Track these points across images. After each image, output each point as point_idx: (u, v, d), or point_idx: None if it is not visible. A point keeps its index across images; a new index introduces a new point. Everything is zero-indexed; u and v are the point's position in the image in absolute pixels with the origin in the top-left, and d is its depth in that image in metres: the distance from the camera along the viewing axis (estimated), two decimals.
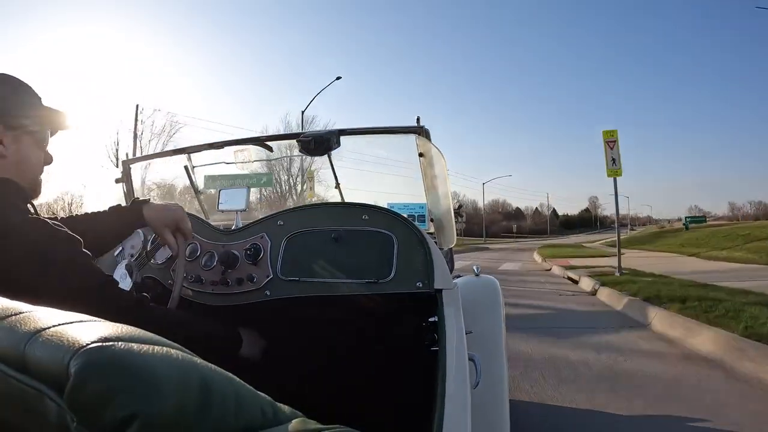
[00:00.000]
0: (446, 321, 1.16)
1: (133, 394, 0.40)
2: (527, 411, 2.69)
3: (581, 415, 2.68)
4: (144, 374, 0.42)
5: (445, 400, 0.94)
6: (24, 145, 0.96)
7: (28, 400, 0.45)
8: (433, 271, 1.30)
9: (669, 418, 2.61)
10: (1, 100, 0.93)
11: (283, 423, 0.52)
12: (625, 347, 4.13)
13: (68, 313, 0.54)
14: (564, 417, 2.67)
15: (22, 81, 0.99)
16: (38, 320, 0.52)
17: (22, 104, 0.96)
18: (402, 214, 1.45)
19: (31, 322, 0.52)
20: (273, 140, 1.87)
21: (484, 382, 1.23)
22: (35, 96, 1.00)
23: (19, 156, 0.95)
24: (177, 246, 1.31)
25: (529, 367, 3.54)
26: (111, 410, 0.39)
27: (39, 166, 1.01)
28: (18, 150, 0.94)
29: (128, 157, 2.03)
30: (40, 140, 0.99)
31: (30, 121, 0.96)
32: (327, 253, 1.42)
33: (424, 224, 2.09)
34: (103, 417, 0.40)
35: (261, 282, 1.43)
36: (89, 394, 0.40)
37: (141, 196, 2.06)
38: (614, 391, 3.03)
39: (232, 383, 0.51)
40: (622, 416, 2.64)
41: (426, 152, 1.67)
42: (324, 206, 1.57)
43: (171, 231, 1.29)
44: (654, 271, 9.45)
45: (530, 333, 4.66)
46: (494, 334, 1.70)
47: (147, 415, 0.40)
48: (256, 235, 1.51)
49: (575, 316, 6.05)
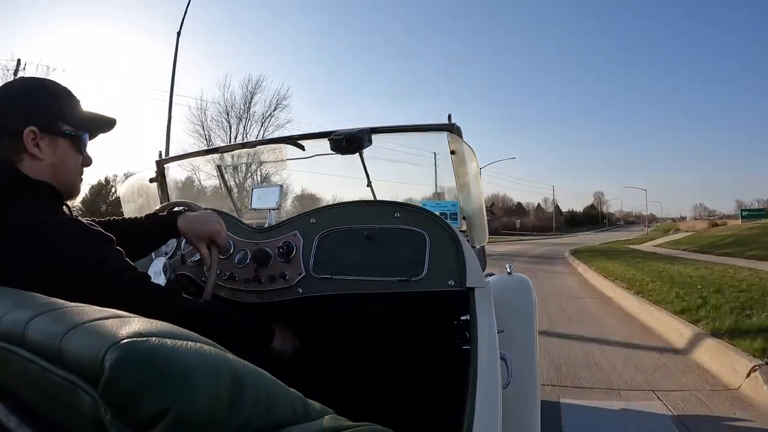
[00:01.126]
0: (478, 320, 1.15)
1: (166, 388, 0.41)
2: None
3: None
4: (177, 369, 0.43)
5: (476, 400, 0.93)
6: (60, 149, 0.97)
7: (64, 392, 0.47)
8: (466, 269, 1.28)
9: None
10: (37, 105, 0.96)
11: (314, 419, 0.52)
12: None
13: (104, 309, 0.56)
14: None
15: (60, 85, 1.01)
16: (74, 315, 0.53)
17: (59, 109, 0.98)
18: (434, 212, 1.44)
19: (67, 317, 0.53)
20: (305, 139, 1.88)
21: (515, 382, 1.21)
22: (73, 100, 1.01)
23: (55, 159, 0.96)
24: (210, 258, 1.31)
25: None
26: (144, 404, 0.40)
27: (76, 169, 1.03)
28: (54, 153, 0.96)
29: (162, 157, 2.07)
30: (77, 143, 1.01)
31: (67, 126, 0.98)
32: (359, 251, 1.42)
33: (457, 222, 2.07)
34: (136, 410, 0.40)
35: (293, 280, 1.43)
36: (123, 387, 0.41)
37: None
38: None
39: (264, 379, 0.51)
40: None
41: (458, 150, 1.66)
42: (356, 204, 1.57)
43: (205, 244, 1.30)
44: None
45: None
46: (526, 333, 1.68)
47: (179, 409, 0.40)
48: (289, 233, 1.52)
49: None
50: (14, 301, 0.63)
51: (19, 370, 0.53)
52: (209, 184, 2.27)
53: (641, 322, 5.23)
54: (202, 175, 2.43)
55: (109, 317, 0.52)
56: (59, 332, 0.50)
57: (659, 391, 3.06)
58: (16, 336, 0.55)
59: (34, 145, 0.93)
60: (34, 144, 0.93)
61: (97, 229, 0.96)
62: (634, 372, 3.48)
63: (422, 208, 1.46)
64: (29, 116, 0.93)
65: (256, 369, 0.51)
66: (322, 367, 1.48)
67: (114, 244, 0.97)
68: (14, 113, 0.93)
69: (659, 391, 3.06)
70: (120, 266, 0.96)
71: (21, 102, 0.95)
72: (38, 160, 0.94)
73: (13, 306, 0.61)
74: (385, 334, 1.55)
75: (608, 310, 6.18)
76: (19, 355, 0.53)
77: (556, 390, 3.10)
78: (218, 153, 2.06)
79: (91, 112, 1.05)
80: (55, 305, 0.59)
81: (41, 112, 0.95)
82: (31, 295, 0.68)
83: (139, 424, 0.40)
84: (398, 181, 6.31)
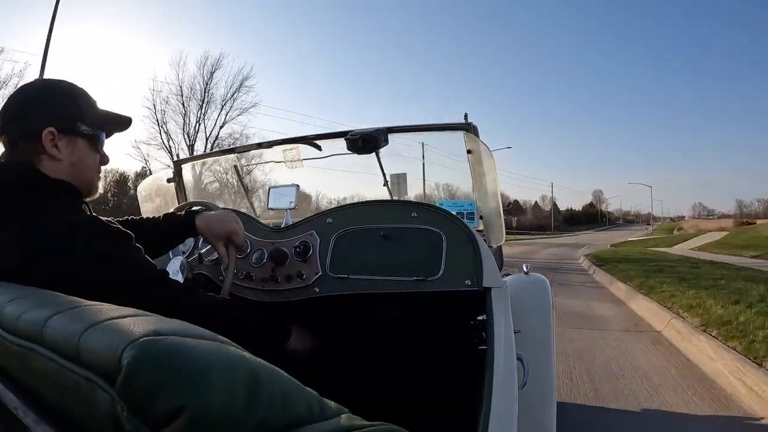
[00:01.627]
0: (495, 320, 1.14)
1: (183, 386, 0.41)
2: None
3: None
4: (194, 367, 0.43)
5: (491, 400, 0.92)
6: (78, 149, 0.99)
7: (81, 390, 0.47)
8: (482, 269, 1.28)
9: None
10: (55, 107, 0.97)
11: (330, 419, 0.52)
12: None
13: (122, 308, 0.56)
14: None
15: (77, 86, 1.03)
16: (93, 313, 0.54)
17: (77, 109, 1.00)
18: (451, 212, 1.43)
19: (85, 315, 0.54)
20: (321, 139, 1.89)
21: (531, 383, 1.20)
22: (90, 100, 1.04)
23: (73, 159, 0.98)
24: (228, 258, 1.32)
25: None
26: (160, 401, 0.40)
27: (94, 168, 1.05)
28: (72, 153, 0.98)
29: (179, 158, 2.10)
30: (95, 143, 1.03)
31: (84, 126, 0.99)
32: (376, 251, 1.42)
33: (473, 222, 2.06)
34: (152, 408, 0.40)
35: (310, 279, 1.44)
36: (140, 385, 0.41)
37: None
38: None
39: (280, 378, 0.51)
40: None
41: (474, 149, 1.65)
42: (373, 204, 1.57)
43: (223, 243, 1.31)
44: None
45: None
46: (543, 333, 1.66)
47: (195, 407, 0.40)
48: (306, 232, 1.53)
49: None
50: (33, 300, 0.64)
51: (38, 368, 0.54)
52: (223, 185, 2.28)
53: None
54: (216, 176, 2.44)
55: (127, 316, 0.52)
56: (77, 330, 0.50)
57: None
58: (34, 334, 0.55)
59: (53, 145, 0.95)
60: (52, 145, 0.95)
61: (116, 226, 0.98)
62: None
63: (439, 207, 1.46)
64: (47, 117, 0.95)
65: (272, 368, 0.51)
66: (338, 367, 1.48)
67: (133, 241, 0.98)
68: (33, 115, 0.95)
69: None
70: (138, 263, 0.97)
71: (38, 103, 0.97)
72: (57, 160, 0.96)
73: (32, 305, 0.62)
74: (401, 334, 1.54)
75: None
76: (38, 353, 0.54)
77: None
78: (235, 153, 2.08)
79: (107, 111, 1.07)
80: (74, 304, 0.60)
81: (59, 113, 0.97)
82: (50, 293, 0.69)
83: (155, 422, 0.41)
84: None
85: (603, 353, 3.81)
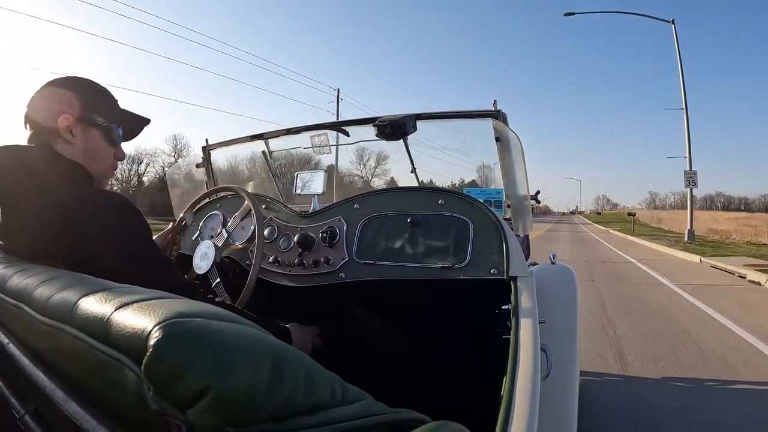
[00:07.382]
0: (520, 309, 1.13)
1: (208, 367, 0.42)
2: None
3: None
4: (219, 349, 0.44)
5: (515, 389, 0.91)
6: (92, 137, 1.06)
7: (109, 370, 0.48)
8: (509, 258, 1.27)
9: None
10: (74, 97, 1.04)
11: (352, 403, 0.53)
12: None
13: (150, 290, 0.58)
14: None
15: (100, 85, 1.12)
16: (122, 295, 0.55)
17: (95, 101, 1.08)
18: (479, 200, 1.42)
19: (115, 297, 0.55)
20: (349, 125, 1.89)
21: (554, 374, 1.19)
22: (109, 97, 1.12)
23: (86, 146, 1.05)
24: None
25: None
26: (186, 382, 0.41)
27: (108, 159, 1.11)
28: (86, 140, 1.05)
29: (208, 143, 2.12)
30: (109, 136, 1.09)
31: (100, 117, 1.07)
32: (402, 237, 1.42)
33: (501, 210, 2.04)
34: (178, 388, 0.41)
35: (336, 264, 1.45)
36: (166, 365, 0.42)
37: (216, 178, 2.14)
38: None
39: (304, 362, 0.52)
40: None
41: (503, 137, 1.63)
42: (400, 190, 1.57)
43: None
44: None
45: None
46: (568, 324, 1.64)
47: (220, 388, 0.41)
48: (333, 218, 1.53)
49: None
50: (63, 282, 0.66)
51: (67, 348, 0.56)
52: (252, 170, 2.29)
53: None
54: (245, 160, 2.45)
55: (155, 298, 0.54)
56: (107, 311, 0.52)
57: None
58: (64, 315, 0.57)
59: (68, 131, 1.02)
60: (67, 130, 1.02)
61: (122, 198, 1.01)
62: None
63: (467, 195, 1.45)
64: (66, 106, 1.02)
65: (296, 351, 0.52)
66: (361, 352, 1.49)
67: (142, 216, 1.01)
68: (53, 104, 1.02)
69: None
70: (143, 238, 1.00)
71: (59, 94, 1.04)
72: (71, 144, 1.03)
73: (62, 286, 0.64)
74: (425, 321, 1.54)
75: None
76: (67, 333, 0.55)
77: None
78: (263, 139, 2.09)
79: (125, 110, 1.15)
80: (103, 285, 0.62)
81: (77, 102, 1.04)
82: (80, 276, 0.72)
83: (180, 402, 0.41)
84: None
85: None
